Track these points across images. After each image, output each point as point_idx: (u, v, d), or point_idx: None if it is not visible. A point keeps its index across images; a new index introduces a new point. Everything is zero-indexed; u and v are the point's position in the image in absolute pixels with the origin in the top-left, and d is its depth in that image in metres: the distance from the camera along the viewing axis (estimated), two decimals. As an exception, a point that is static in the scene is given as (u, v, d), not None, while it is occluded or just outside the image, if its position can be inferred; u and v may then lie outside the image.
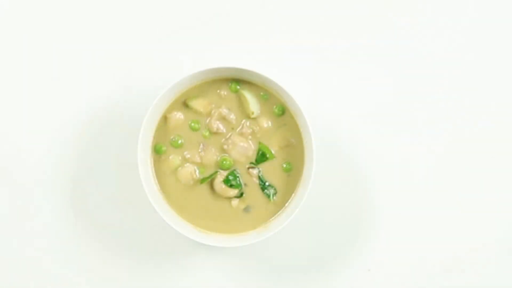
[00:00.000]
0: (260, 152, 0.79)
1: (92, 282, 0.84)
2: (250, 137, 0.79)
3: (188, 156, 0.79)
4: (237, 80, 0.79)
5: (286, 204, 0.79)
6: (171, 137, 0.79)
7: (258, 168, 0.79)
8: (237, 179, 0.78)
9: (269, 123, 0.79)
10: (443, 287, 0.84)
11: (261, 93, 0.79)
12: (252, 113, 0.79)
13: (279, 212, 0.79)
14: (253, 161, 0.79)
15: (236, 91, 0.79)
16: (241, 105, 0.79)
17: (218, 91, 0.79)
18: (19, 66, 0.85)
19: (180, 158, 0.79)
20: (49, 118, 0.85)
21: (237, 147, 0.78)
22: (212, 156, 0.79)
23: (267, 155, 0.79)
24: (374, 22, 0.86)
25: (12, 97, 0.85)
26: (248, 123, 0.79)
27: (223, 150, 0.79)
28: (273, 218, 0.79)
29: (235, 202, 0.79)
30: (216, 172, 0.79)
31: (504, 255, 0.85)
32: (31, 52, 0.86)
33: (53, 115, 0.85)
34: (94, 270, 0.84)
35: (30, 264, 0.84)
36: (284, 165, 0.79)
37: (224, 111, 0.79)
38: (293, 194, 0.79)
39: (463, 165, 0.85)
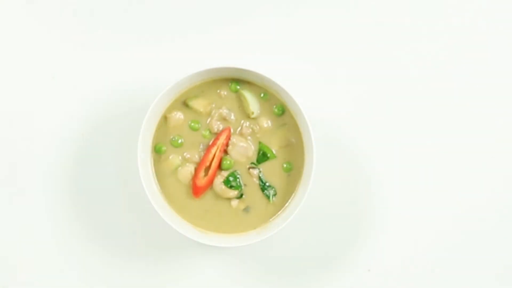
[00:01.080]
0: (261, 152, 0.79)
1: (92, 281, 0.84)
2: (249, 137, 0.79)
3: (188, 156, 0.79)
4: (237, 80, 0.79)
5: (286, 204, 0.79)
6: (171, 137, 0.79)
7: (259, 169, 0.79)
8: (237, 180, 0.78)
9: (269, 123, 0.79)
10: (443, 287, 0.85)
11: (261, 93, 0.79)
12: (252, 113, 0.79)
13: (279, 212, 0.79)
14: (254, 161, 0.79)
15: (236, 91, 0.79)
16: (241, 105, 0.79)
17: (218, 91, 0.79)
18: (19, 65, 0.85)
19: (180, 158, 0.79)
20: (49, 118, 0.85)
21: (237, 147, 0.78)
22: (212, 156, 0.79)
23: (268, 155, 0.79)
24: (375, 22, 0.86)
25: (12, 97, 0.85)
26: (247, 123, 0.79)
27: (224, 151, 0.79)
28: (272, 218, 0.79)
29: (234, 202, 0.79)
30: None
31: (504, 256, 0.85)
32: (31, 51, 0.86)
33: (52, 115, 0.85)
34: (94, 270, 0.84)
35: (30, 264, 0.84)
36: (285, 165, 0.79)
37: (224, 111, 0.79)
38: (293, 194, 0.79)
39: (463, 165, 0.85)
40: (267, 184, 0.79)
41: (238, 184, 0.78)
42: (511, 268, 0.85)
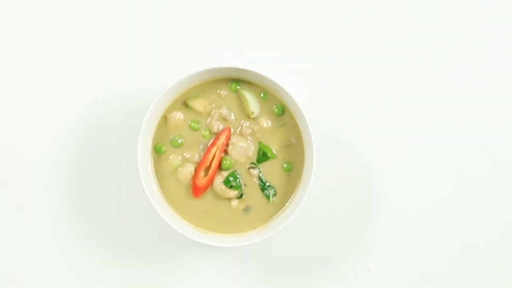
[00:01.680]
0: (261, 152, 0.79)
1: (92, 281, 0.84)
2: (249, 137, 0.79)
3: (188, 156, 0.79)
4: (237, 80, 0.79)
5: (286, 205, 0.79)
6: (171, 137, 0.79)
7: (259, 168, 0.79)
8: (237, 180, 0.78)
9: (269, 123, 0.79)
10: None
11: (261, 93, 0.79)
12: (252, 113, 0.79)
13: (279, 212, 0.79)
14: (254, 161, 0.79)
15: (236, 91, 0.79)
16: (241, 105, 0.79)
17: (218, 91, 0.79)
18: (19, 65, 0.85)
19: (180, 158, 0.79)
20: (49, 118, 0.85)
21: (237, 147, 0.78)
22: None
23: (268, 155, 0.79)
24: (375, 22, 0.86)
25: (12, 97, 0.85)
26: (247, 123, 0.79)
27: (224, 151, 0.79)
28: (272, 218, 0.79)
29: (234, 202, 0.79)
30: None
31: (502, 258, 0.85)
32: (31, 51, 0.86)
33: (53, 115, 0.85)
34: (94, 270, 0.84)
35: (30, 264, 0.84)
36: (285, 165, 0.79)
37: (224, 111, 0.79)
38: (293, 195, 0.79)
39: (463, 167, 0.85)
40: (267, 184, 0.79)
41: (238, 184, 0.78)
42: (510, 268, 0.85)
